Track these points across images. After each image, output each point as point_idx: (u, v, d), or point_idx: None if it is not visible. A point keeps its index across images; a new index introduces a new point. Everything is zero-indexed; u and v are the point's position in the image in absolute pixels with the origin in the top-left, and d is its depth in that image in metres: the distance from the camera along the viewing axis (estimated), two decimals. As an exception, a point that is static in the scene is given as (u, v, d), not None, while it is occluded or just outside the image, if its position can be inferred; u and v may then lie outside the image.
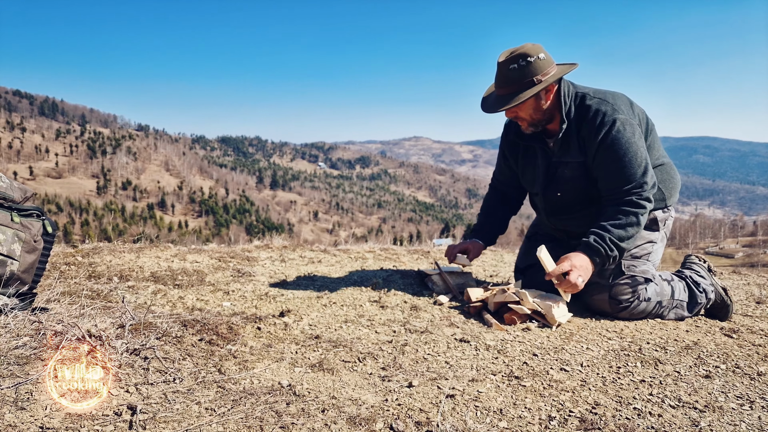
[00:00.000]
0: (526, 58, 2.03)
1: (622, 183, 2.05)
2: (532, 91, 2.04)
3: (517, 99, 2.04)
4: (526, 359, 1.65)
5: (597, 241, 2.04)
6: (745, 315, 2.35)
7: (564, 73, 2.09)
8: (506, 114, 2.18)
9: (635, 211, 2.04)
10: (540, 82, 2.04)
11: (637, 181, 2.04)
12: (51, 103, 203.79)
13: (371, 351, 1.66)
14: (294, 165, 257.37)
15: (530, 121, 2.17)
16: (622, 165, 2.04)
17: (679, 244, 73.28)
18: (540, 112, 2.14)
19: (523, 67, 2.03)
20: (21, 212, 1.73)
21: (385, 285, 2.53)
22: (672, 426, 1.26)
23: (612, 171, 2.07)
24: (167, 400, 1.22)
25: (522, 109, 2.12)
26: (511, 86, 2.06)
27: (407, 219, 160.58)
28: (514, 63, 2.04)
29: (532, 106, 2.11)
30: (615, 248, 2.03)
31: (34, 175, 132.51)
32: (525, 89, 2.05)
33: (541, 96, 2.09)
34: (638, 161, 2.04)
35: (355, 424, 1.18)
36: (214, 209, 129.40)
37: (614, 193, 2.08)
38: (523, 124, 2.20)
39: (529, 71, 2.03)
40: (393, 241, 6.15)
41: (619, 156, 2.03)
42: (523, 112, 2.13)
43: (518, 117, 2.17)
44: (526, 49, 2.04)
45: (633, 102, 2.18)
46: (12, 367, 1.27)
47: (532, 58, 2.02)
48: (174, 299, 2.13)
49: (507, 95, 2.08)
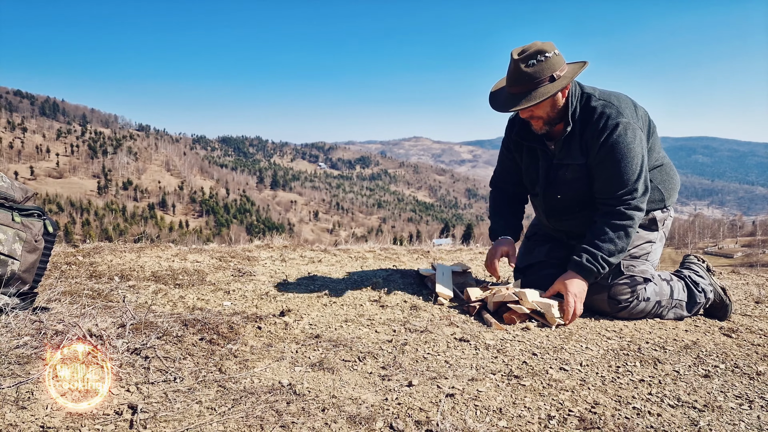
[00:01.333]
0: (544, 54, 1.97)
1: (614, 188, 2.05)
2: (554, 87, 1.97)
3: (537, 96, 1.97)
4: (526, 359, 1.66)
5: (590, 261, 2.06)
6: (744, 315, 2.35)
7: (578, 71, 2.04)
8: (521, 114, 2.11)
9: (623, 224, 2.04)
10: (559, 78, 1.99)
11: (629, 188, 2.03)
12: (52, 103, 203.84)
13: (371, 350, 1.66)
14: (294, 165, 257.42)
15: (546, 120, 2.11)
16: (617, 170, 2.03)
17: (678, 244, 73.24)
18: (556, 110, 2.09)
19: (541, 63, 1.97)
20: (22, 212, 1.74)
21: (385, 285, 2.53)
22: (671, 425, 1.26)
23: (607, 175, 2.06)
24: (168, 399, 1.23)
25: (540, 107, 2.05)
26: (528, 84, 1.99)
27: (407, 219, 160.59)
28: (532, 59, 1.97)
29: (550, 103, 2.05)
30: (606, 264, 2.06)
31: (35, 175, 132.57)
32: (543, 86, 1.98)
33: (558, 94, 2.03)
34: (633, 167, 2.02)
35: (355, 423, 1.18)
36: (214, 209, 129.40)
37: (606, 197, 2.09)
38: (538, 123, 2.13)
39: (548, 67, 1.97)
40: (393, 240, 6.15)
41: (617, 160, 2.02)
42: (540, 110, 2.07)
43: (533, 116, 2.10)
44: (540, 46, 1.98)
45: (637, 104, 2.16)
46: (13, 367, 1.27)
47: (550, 54, 1.97)
48: (175, 299, 2.13)
49: (521, 93, 2.01)
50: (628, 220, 2.04)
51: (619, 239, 2.04)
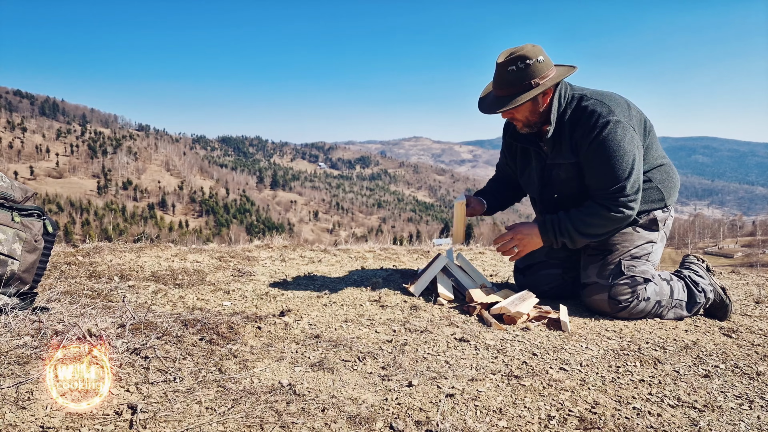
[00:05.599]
0: (525, 61, 2.02)
1: (603, 185, 2.07)
2: (529, 94, 2.04)
3: (514, 102, 2.05)
4: (526, 359, 1.66)
5: (552, 222, 2.15)
6: (744, 315, 2.35)
7: (562, 77, 2.09)
8: (502, 115, 2.19)
9: (605, 214, 2.07)
10: (538, 86, 2.05)
11: (619, 185, 2.04)
12: (52, 103, 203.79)
13: (371, 350, 1.66)
14: (294, 165, 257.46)
15: (525, 123, 2.18)
16: (607, 167, 2.04)
17: (678, 243, 73.26)
18: (536, 115, 2.15)
19: (522, 70, 2.03)
20: (22, 212, 1.74)
21: (385, 284, 2.53)
22: (671, 425, 1.26)
23: (597, 172, 2.08)
24: (168, 399, 1.23)
25: (518, 111, 2.13)
26: (509, 88, 2.07)
27: (407, 219, 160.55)
28: (512, 65, 2.04)
29: (529, 108, 2.12)
30: (567, 234, 2.11)
31: (35, 174, 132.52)
32: (523, 92, 2.05)
33: (538, 99, 2.10)
34: (623, 165, 2.03)
35: (355, 423, 1.18)
36: (214, 209, 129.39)
37: (596, 193, 2.11)
38: (519, 124, 2.21)
39: (528, 74, 2.03)
40: (393, 240, 6.15)
41: (606, 157, 2.03)
42: (519, 114, 2.14)
43: (514, 118, 2.19)
44: (525, 51, 2.03)
45: (631, 104, 2.17)
46: (13, 367, 1.27)
47: (531, 61, 2.02)
48: (174, 299, 2.13)
49: (504, 97, 2.09)
50: (612, 213, 2.06)
51: (594, 224, 2.09)
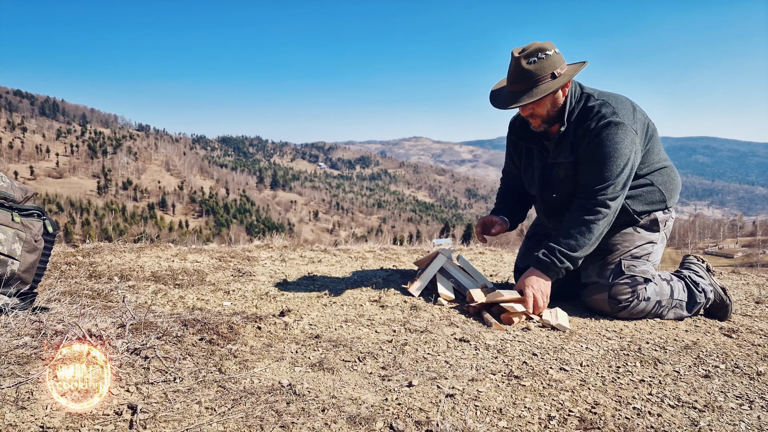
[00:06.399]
0: (545, 52, 2.00)
1: (592, 182, 2.07)
2: (555, 84, 2.00)
3: (538, 93, 1.99)
4: (526, 359, 1.65)
5: (546, 255, 2.12)
6: (745, 315, 2.35)
7: (578, 70, 2.07)
8: (522, 111, 2.12)
9: (587, 219, 2.06)
10: (560, 76, 2.02)
11: (606, 184, 2.04)
12: (52, 103, 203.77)
13: (371, 350, 1.66)
14: (294, 165, 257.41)
15: (545, 118, 2.13)
16: (600, 166, 2.04)
17: (679, 244, 73.25)
18: (556, 108, 2.11)
19: (542, 60, 2.00)
20: (22, 212, 1.74)
21: (385, 285, 2.53)
22: (671, 426, 1.26)
23: (588, 169, 2.08)
24: (168, 399, 1.22)
25: (540, 104, 2.07)
26: (528, 81, 2.01)
27: (407, 219, 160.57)
28: (533, 57, 2.00)
29: (551, 101, 2.08)
30: (566, 259, 2.08)
31: (35, 174, 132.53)
32: (544, 83, 2.01)
33: (558, 92, 2.07)
34: (616, 166, 2.02)
35: (355, 423, 1.18)
36: (214, 209, 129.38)
37: (580, 192, 2.12)
38: (537, 121, 2.15)
39: (549, 65, 2.00)
40: (393, 240, 6.15)
41: (602, 156, 2.03)
42: (540, 108, 2.09)
43: (534, 114, 2.12)
44: (540, 45, 2.02)
45: (636, 107, 2.16)
46: (13, 367, 1.27)
47: (550, 52, 2.00)
48: (174, 299, 2.13)
49: (522, 91, 2.03)
50: (593, 215, 2.06)
51: (581, 235, 2.08)
